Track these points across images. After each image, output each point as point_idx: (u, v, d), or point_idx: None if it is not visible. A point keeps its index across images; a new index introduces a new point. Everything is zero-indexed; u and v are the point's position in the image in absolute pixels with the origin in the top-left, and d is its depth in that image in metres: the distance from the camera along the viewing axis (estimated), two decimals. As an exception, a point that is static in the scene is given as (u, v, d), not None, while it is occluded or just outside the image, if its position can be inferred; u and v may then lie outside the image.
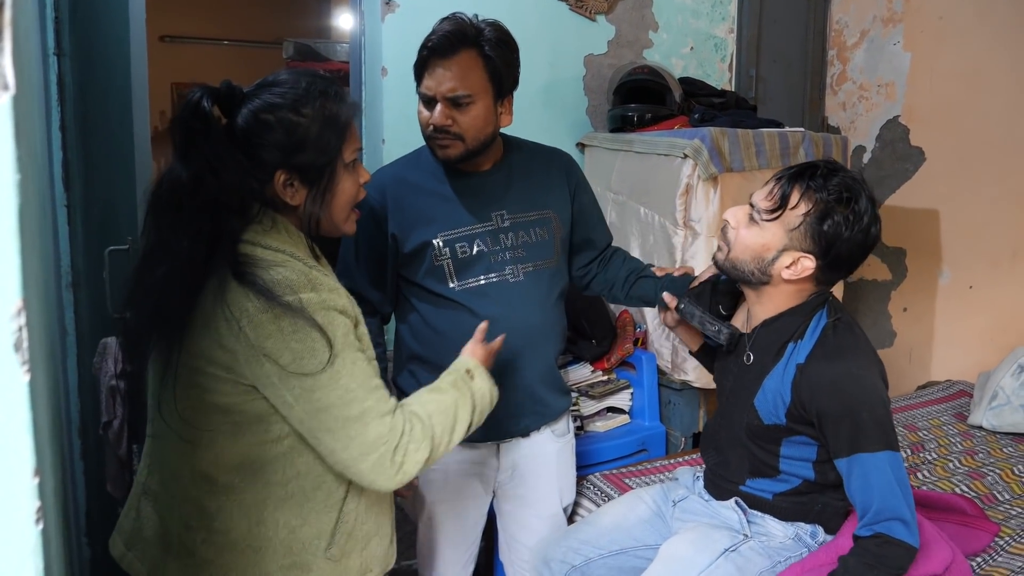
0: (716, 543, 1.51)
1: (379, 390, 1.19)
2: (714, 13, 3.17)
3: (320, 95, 1.22)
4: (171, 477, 1.25)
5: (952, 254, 3.35)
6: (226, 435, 1.19)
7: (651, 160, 2.53)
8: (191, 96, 1.17)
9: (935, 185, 3.34)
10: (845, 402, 1.39)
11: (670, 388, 2.57)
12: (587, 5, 2.86)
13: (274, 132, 1.19)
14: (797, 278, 1.46)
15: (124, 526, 1.31)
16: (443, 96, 1.60)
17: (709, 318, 1.64)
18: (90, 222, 2.35)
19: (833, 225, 1.41)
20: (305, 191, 1.24)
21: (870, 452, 1.37)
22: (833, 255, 1.43)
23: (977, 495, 2.14)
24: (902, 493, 1.37)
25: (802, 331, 1.49)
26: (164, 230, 1.17)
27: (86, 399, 2.40)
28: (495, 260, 1.71)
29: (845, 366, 1.41)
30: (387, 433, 1.16)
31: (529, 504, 1.87)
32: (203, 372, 1.17)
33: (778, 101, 3.40)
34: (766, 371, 1.51)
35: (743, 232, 1.50)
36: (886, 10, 3.42)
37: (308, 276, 1.17)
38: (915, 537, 1.36)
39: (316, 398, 1.14)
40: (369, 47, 2.55)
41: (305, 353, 1.13)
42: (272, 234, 1.21)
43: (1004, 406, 2.60)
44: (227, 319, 1.13)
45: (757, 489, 1.57)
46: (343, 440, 1.15)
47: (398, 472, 1.18)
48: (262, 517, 1.21)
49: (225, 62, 5.48)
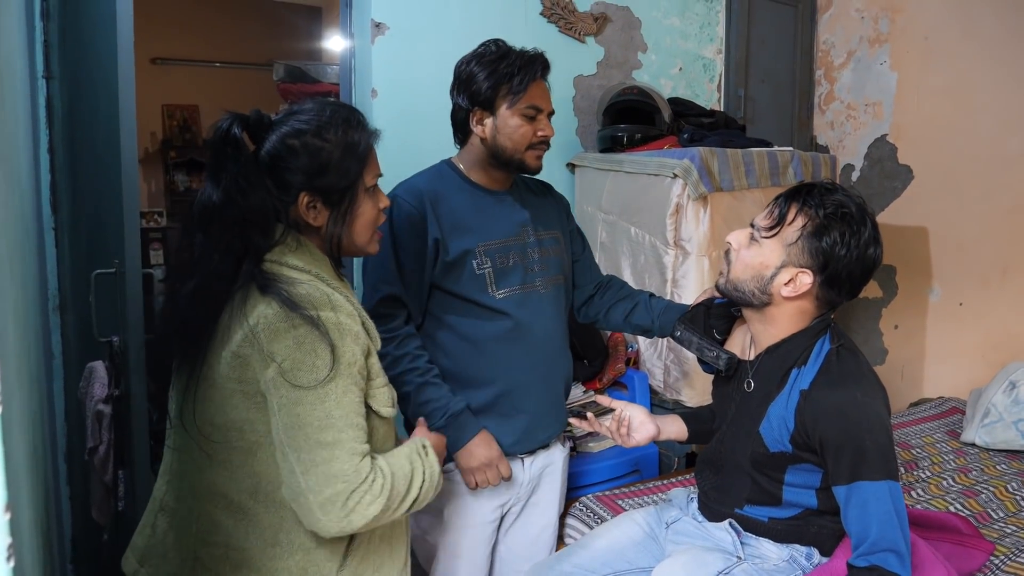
0: (709, 566, 1.49)
1: (359, 429, 1.19)
2: (702, 34, 3.20)
3: (343, 122, 1.29)
4: (189, 492, 1.27)
5: (942, 271, 3.36)
6: (241, 453, 1.21)
7: (641, 180, 2.54)
8: (221, 123, 1.24)
9: (924, 203, 3.36)
10: (848, 429, 1.38)
11: (663, 408, 2.55)
12: (576, 27, 2.88)
13: (299, 156, 1.26)
14: (796, 295, 1.46)
15: (138, 543, 1.32)
16: (548, 110, 1.75)
17: (707, 343, 1.63)
18: (77, 245, 2.34)
19: (830, 241, 1.41)
20: (327, 213, 1.29)
21: (871, 481, 1.36)
22: (830, 271, 1.43)
23: (971, 513, 2.13)
24: (899, 524, 1.35)
25: (805, 357, 1.48)
26: (195, 248, 1.23)
27: (73, 424, 2.37)
28: (528, 272, 1.78)
29: (850, 393, 1.40)
30: (351, 473, 1.15)
31: (534, 506, 1.89)
32: (218, 386, 1.20)
33: (767, 121, 3.42)
34: (770, 398, 1.49)
35: (743, 252, 1.50)
36: (872, 30, 3.45)
37: (330, 297, 1.21)
38: (908, 570, 1.35)
39: (296, 412, 1.15)
40: (359, 69, 2.56)
41: (304, 365, 1.15)
42: (297, 254, 1.26)
43: (997, 423, 2.60)
44: (244, 326, 1.17)
45: (754, 514, 1.55)
46: (306, 463, 1.15)
47: (345, 518, 1.15)
48: (277, 539, 1.22)
49: (216, 84, 5.48)
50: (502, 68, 1.69)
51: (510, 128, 1.71)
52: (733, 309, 1.68)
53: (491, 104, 1.70)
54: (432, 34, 2.59)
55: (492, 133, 1.72)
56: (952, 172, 3.27)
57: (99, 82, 1.98)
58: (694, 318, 1.72)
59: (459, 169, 1.79)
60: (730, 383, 1.61)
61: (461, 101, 1.73)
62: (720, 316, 1.71)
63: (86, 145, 2.20)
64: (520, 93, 1.69)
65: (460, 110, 1.75)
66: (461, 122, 1.76)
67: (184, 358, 1.24)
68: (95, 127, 2.06)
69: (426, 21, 2.57)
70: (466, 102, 1.72)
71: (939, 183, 3.31)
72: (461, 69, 1.74)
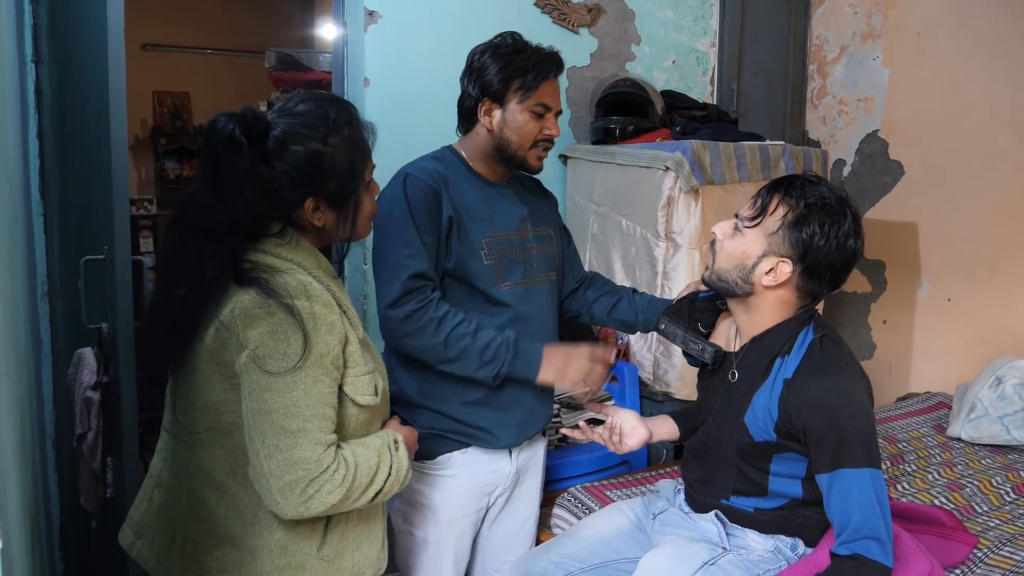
0: (695, 556, 1.51)
1: (326, 420, 1.21)
2: (696, 27, 3.20)
3: (346, 124, 1.29)
4: (181, 468, 1.30)
5: (931, 266, 3.38)
6: (218, 434, 1.24)
7: (633, 172, 2.54)
8: (221, 125, 1.21)
9: (914, 198, 3.37)
10: (831, 417, 1.39)
11: (652, 400, 2.57)
12: (570, 18, 2.87)
13: (304, 164, 1.25)
14: (776, 284, 1.48)
15: (134, 517, 1.36)
16: (556, 109, 1.75)
17: (692, 336, 1.65)
18: (66, 231, 2.33)
19: (809, 231, 1.44)
20: (333, 215, 1.31)
21: (852, 468, 1.37)
22: (809, 261, 1.45)
23: (956, 507, 2.15)
24: (881, 512, 1.37)
25: (789, 346, 1.50)
26: (188, 253, 1.23)
27: (61, 410, 2.37)
28: (528, 266, 1.78)
29: (832, 381, 1.42)
30: (312, 461, 1.17)
31: (518, 498, 1.89)
32: (199, 369, 1.23)
33: (759, 115, 3.43)
34: (754, 388, 1.51)
35: (727, 243, 1.53)
36: (865, 26, 3.46)
37: (306, 287, 1.22)
38: (890, 557, 1.36)
39: (264, 399, 1.17)
40: (352, 57, 2.54)
41: (276, 352, 1.17)
42: (287, 247, 1.28)
43: (982, 418, 2.62)
44: (223, 312, 1.20)
45: (740, 505, 1.57)
46: (269, 448, 1.16)
47: (304, 504, 1.17)
48: (256, 518, 1.25)
49: (207, 71, 5.44)
50: (517, 62, 1.69)
51: (518, 123, 1.71)
52: (719, 302, 1.70)
53: (501, 97, 1.70)
54: (425, 22, 2.58)
55: (500, 125, 1.72)
56: (942, 168, 3.29)
57: (89, 67, 1.97)
58: (678, 312, 1.74)
59: (462, 157, 1.78)
60: (715, 375, 1.63)
61: (471, 89, 1.72)
62: (705, 309, 1.72)
63: (76, 131, 2.18)
64: (532, 89, 1.69)
65: (469, 98, 1.74)
66: (469, 110, 1.75)
67: (174, 349, 1.27)
68: (85, 113, 2.05)
69: (419, 9, 2.56)
70: (476, 91, 1.71)
71: (929, 179, 3.33)
72: (475, 58, 1.73)
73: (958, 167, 3.24)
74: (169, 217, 1.29)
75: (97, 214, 2.00)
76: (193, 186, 1.27)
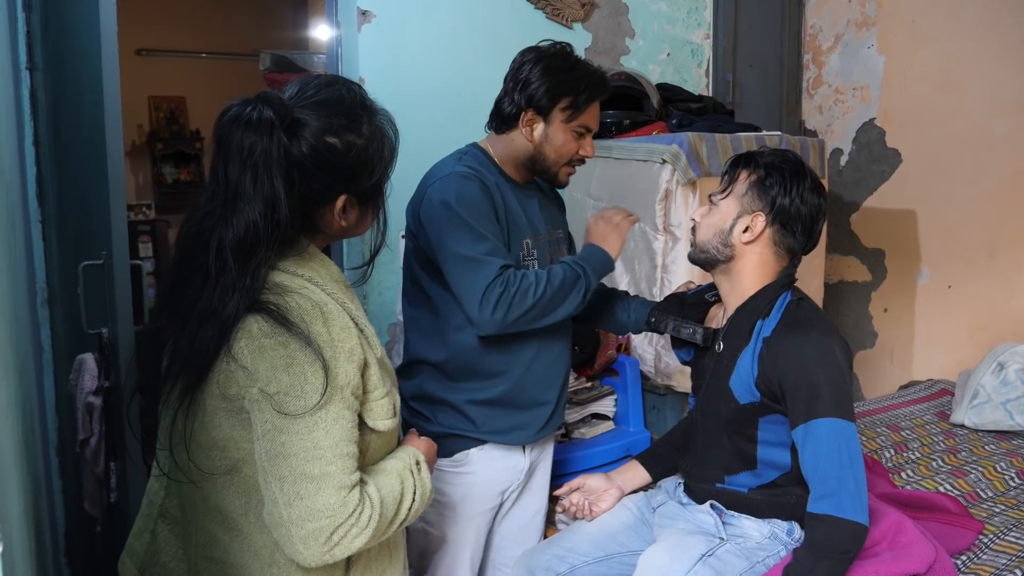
0: (692, 549, 1.52)
1: (349, 459, 1.09)
2: (690, 20, 3.20)
3: (372, 111, 1.18)
4: (189, 504, 1.20)
5: (930, 254, 3.37)
6: (225, 472, 1.14)
7: (630, 166, 2.54)
8: (247, 110, 1.07)
9: (912, 186, 3.37)
10: (804, 368, 1.45)
11: (654, 393, 2.56)
12: (564, 13, 2.86)
13: (343, 156, 1.14)
14: (754, 239, 1.57)
15: (136, 548, 1.24)
16: (595, 130, 1.77)
17: (682, 323, 1.70)
18: (65, 238, 2.32)
19: (774, 184, 1.57)
20: (357, 211, 1.21)
21: (824, 418, 1.42)
22: (779, 209, 1.56)
23: (960, 493, 2.15)
24: (851, 464, 1.40)
25: (769, 309, 1.57)
26: (212, 296, 1.08)
27: (64, 417, 2.37)
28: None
29: (806, 335, 1.49)
30: (337, 507, 1.06)
31: (529, 492, 1.89)
32: (201, 403, 1.12)
33: (755, 105, 3.42)
34: (738, 353, 1.57)
35: (705, 220, 1.64)
36: (860, 14, 3.45)
37: (322, 308, 1.09)
38: (863, 513, 1.39)
39: (282, 441, 1.05)
40: (346, 58, 2.54)
41: (293, 390, 1.05)
42: (296, 258, 1.16)
43: (985, 404, 2.62)
44: (231, 343, 1.08)
45: (733, 485, 1.59)
46: (289, 495, 1.05)
47: (328, 552, 1.06)
48: (274, 558, 1.15)
49: (202, 75, 5.45)
50: (569, 80, 1.67)
51: (559, 141, 1.70)
52: (708, 295, 1.75)
53: (547, 112, 1.68)
54: (419, 21, 2.58)
55: (540, 139, 1.70)
56: (939, 155, 3.28)
57: (83, 73, 1.97)
58: (667, 306, 1.80)
59: (491, 157, 1.76)
60: (705, 355, 1.69)
61: (516, 96, 1.69)
62: (694, 305, 1.77)
63: (72, 137, 2.18)
64: (579, 111, 1.69)
65: (512, 104, 1.70)
66: (509, 116, 1.71)
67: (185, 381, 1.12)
68: (80, 119, 2.05)
69: (412, 7, 2.56)
70: (522, 101, 1.68)
71: (927, 166, 3.33)
72: (525, 66, 1.69)
73: (955, 153, 3.24)
74: (181, 231, 1.15)
75: (95, 220, 2.00)
76: (205, 195, 1.13)
